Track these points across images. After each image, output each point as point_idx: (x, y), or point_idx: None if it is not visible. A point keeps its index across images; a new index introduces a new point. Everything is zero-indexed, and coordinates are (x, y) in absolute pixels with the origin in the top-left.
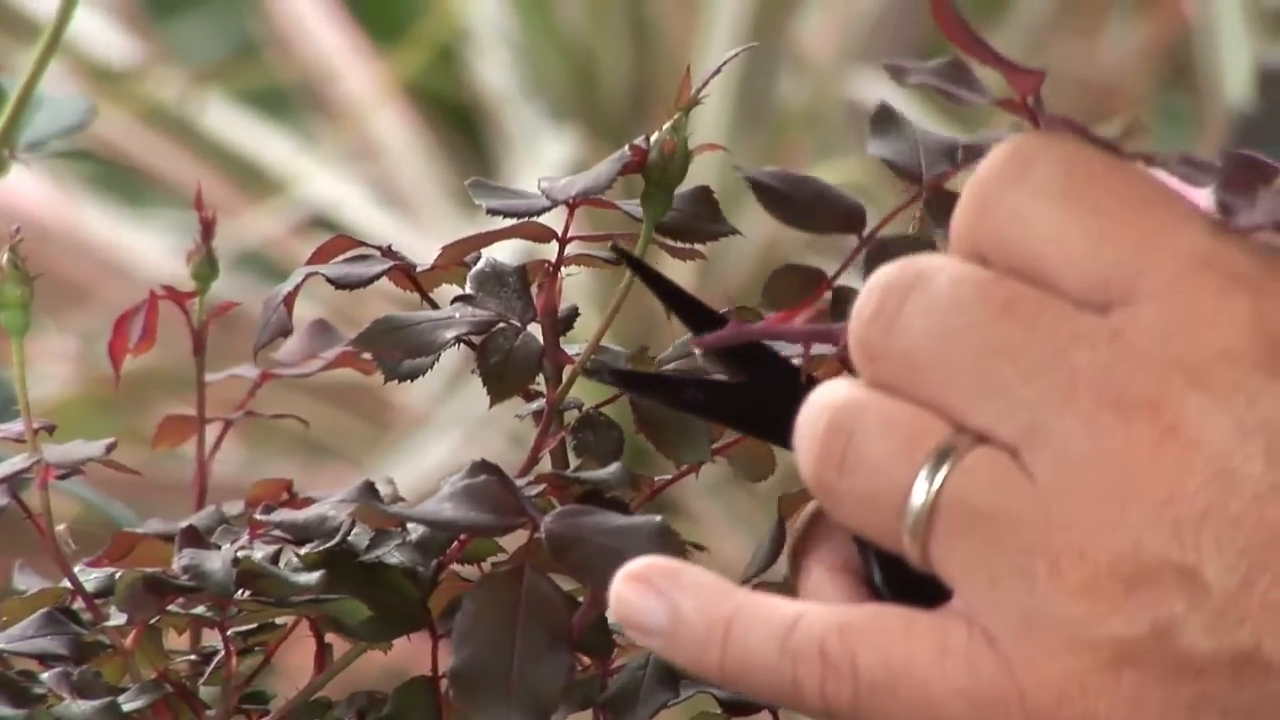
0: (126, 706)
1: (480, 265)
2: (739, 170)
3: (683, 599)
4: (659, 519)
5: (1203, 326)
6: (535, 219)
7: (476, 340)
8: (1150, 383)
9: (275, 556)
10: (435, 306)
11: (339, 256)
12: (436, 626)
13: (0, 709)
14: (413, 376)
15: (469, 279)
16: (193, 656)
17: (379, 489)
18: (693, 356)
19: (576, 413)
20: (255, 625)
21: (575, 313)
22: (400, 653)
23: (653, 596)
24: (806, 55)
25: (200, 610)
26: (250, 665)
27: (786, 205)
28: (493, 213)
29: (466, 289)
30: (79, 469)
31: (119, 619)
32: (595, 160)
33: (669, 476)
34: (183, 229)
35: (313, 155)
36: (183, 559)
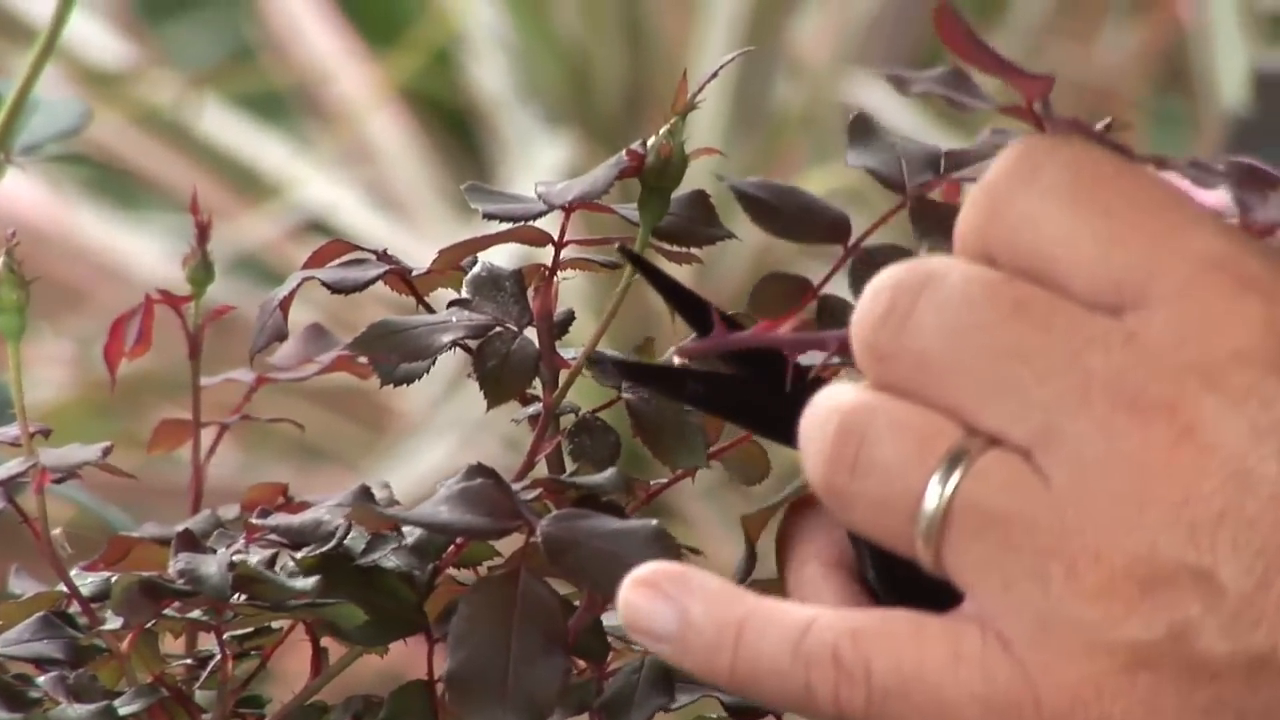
0: (123, 710)
1: (476, 269)
2: (725, 179)
3: (692, 604)
4: (655, 523)
5: (1216, 329)
6: (531, 223)
7: (473, 344)
8: (1165, 385)
9: (271, 561)
10: (431, 311)
11: (335, 260)
12: (433, 630)
13: None
14: (409, 380)
15: (465, 283)
16: (189, 660)
17: (375, 493)
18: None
19: (573, 417)
20: (251, 629)
21: (571, 317)
22: (396, 656)
23: (661, 601)
24: (802, 59)
25: (196, 614)
26: (246, 669)
27: (774, 217)
28: (489, 217)
29: (463, 293)
30: (75, 473)
31: (115, 623)
32: (591, 164)
33: (665, 481)
34: (178, 233)
35: (308, 159)
36: (178, 563)
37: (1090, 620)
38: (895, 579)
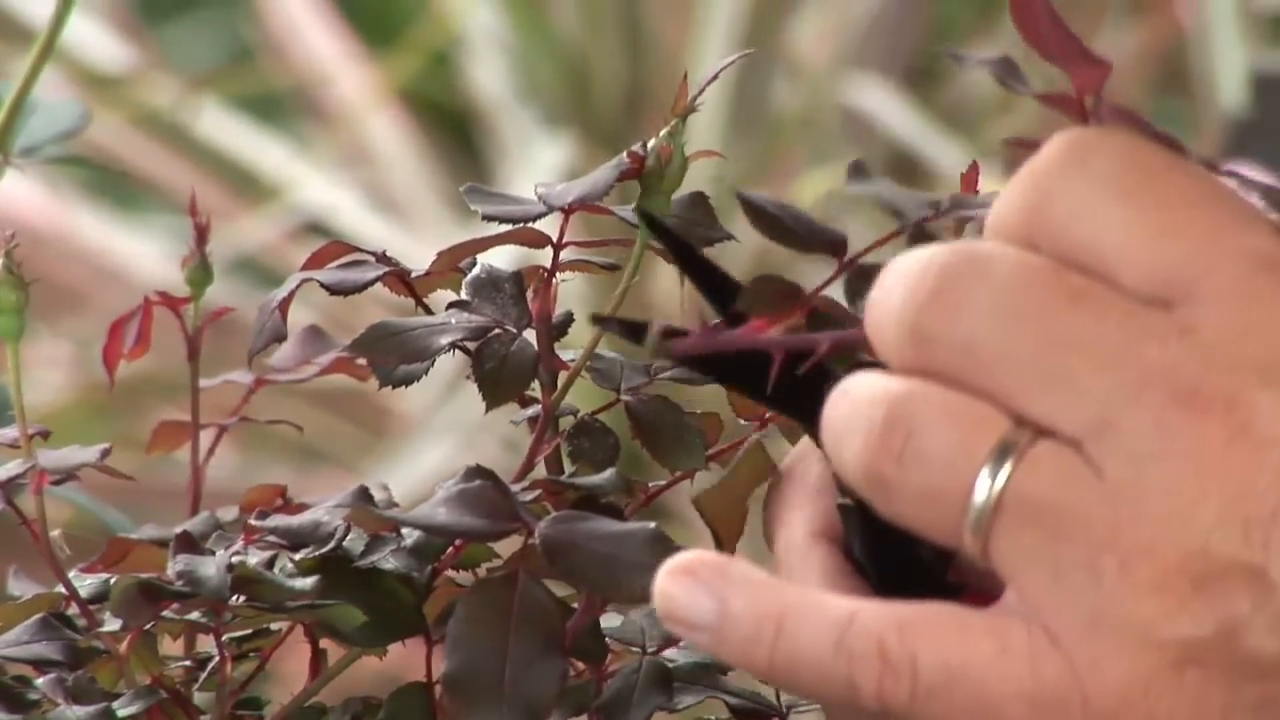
0: (121, 712)
1: (475, 271)
2: (735, 190)
3: (732, 594)
4: (653, 525)
5: (1270, 327)
6: (530, 225)
7: (472, 346)
8: (1221, 381)
9: (270, 562)
10: (430, 312)
11: (333, 262)
12: (431, 632)
13: None
14: (408, 382)
15: (464, 285)
16: (187, 662)
17: (374, 494)
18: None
19: (572, 419)
20: (250, 631)
21: (570, 318)
22: (395, 658)
23: (701, 591)
24: (801, 61)
25: (195, 616)
26: (245, 671)
27: (774, 222)
28: (488, 218)
29: (462, 295)
30: (74, 474)
31: (114, 624)
32: (590, 166)
33: (664, 482)
34: (177, 234)
35: (307, 161)
36: (177, 565)
37: (1143, 616)
38: (885, 555)
